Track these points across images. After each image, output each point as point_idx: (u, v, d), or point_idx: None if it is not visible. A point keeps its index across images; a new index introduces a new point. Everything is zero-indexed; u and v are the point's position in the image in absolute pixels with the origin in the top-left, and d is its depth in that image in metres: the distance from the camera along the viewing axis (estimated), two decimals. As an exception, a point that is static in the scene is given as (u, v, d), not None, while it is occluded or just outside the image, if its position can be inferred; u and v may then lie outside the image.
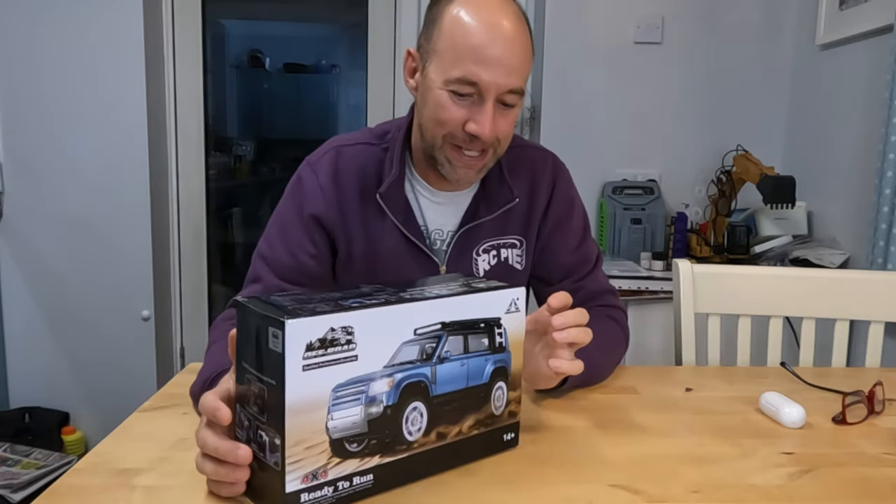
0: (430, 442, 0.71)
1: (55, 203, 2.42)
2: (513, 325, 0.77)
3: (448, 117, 0.96)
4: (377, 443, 0.67)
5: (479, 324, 0.73)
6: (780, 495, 0.72)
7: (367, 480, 0.67)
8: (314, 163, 1.08)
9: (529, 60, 0.98)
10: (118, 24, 2.36)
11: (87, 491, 0.69)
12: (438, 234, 1.09)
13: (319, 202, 1.05)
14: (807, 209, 2.37)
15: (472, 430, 0.75)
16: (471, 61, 0.93)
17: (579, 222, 1.17)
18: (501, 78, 0.93)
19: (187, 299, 2.74)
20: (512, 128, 1.01)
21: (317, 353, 0.61)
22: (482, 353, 0.74)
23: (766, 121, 2.58)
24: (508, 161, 1.10)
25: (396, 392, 0.67)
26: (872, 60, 2.07)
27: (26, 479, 2.10)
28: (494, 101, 0.95)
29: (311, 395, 0.62)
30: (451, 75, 0.94)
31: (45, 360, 2.50)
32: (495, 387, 0.76)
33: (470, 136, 0.96)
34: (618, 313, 1.15)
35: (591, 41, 2.52)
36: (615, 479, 0.74)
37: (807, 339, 1.28)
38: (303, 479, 0.63)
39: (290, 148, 3.37)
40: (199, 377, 0.88)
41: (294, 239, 1.05)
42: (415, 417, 0.69)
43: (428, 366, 0.70)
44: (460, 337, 0.72)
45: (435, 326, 0.70)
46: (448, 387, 0.72)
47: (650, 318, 2.08)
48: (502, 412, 0.77)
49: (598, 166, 2.54)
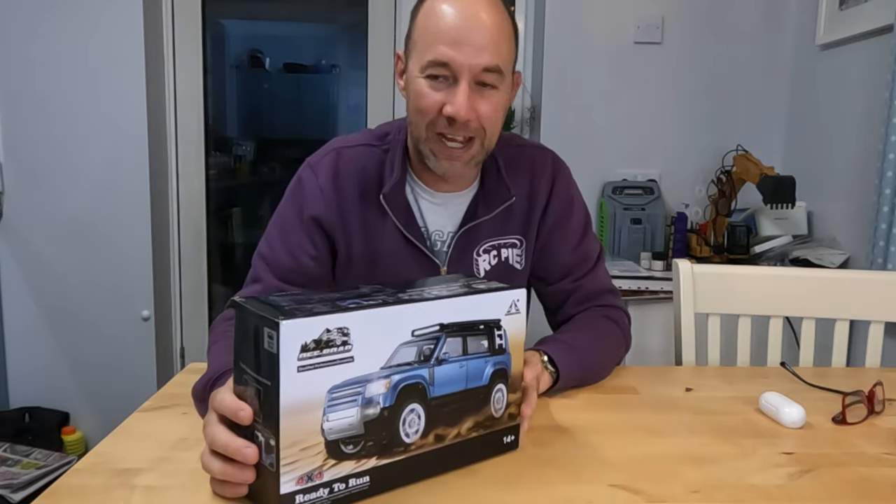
0: (427, 444, 0.71)
1: (55, 203, 2.42)
2: (513, 326, 0.76)
3: (426, 103, 0.96)
4: (374, 444, 0.67)
5: (479, 325, 0.73)
6: (780, 495, 0.72)
7: (363, 482, 0.67)
8: (314, 164, 1.08)
9: (506, 40, 0.97)
10: (118, 24, 2.36)
11: (87, 491, 0.69)
12: (439, 236, 1.09)
13: (319, 204, 1.05)
14: (807, 209, 2.37)
15: (471, 432, 0.74)
16: (441, 43, 0.93)
17: (579, 221, 1.16)
18: (472, 57, 0.93)
19: (187, 299, 2.74)
20: (497, 112, 0.99)
21: (312, 354, 0.61)
22: (482, 355, 0.74)
23: (766, 121, 2.58)
24: (507, 160, 1.10)
25: (393, 394, 0.67)
26: (872, 60, 2.07)
27: (26, 479, 2.10)
28: (471, 82, 0.94)
29: (307, 397, 0.61)
30: (424, 61, 0.95)
31: (45, 360, 2.50)
32: (495, 389, 0.75)
33: (449, 119, 0.95)
34: (617, 313, 1.14)
35: (591, 41, 2.52)
36: (615, 479, 0.74)
37: (807, 339, 1.28)
38: (298, 481, 0.62)
39: (290, 148, 3.37)
40: (202, 377, 0.88)
41: (294, 240, 1.06)
42: (412, 419, 0.69)
43: (426, 367, 0.69)
44: (459, 338, 0.71)
45: (433, 328, 0.69)
46: (446, 389, 0.71)
47: (650, 318, 2.08)
48: (502, 414, 0.77)
49: (598, 166, 2.54)
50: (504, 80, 0.98)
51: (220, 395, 0.68)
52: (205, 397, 0.85)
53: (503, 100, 1.00)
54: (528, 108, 2.65)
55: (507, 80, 0.99)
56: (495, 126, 1.00)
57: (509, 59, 0.99)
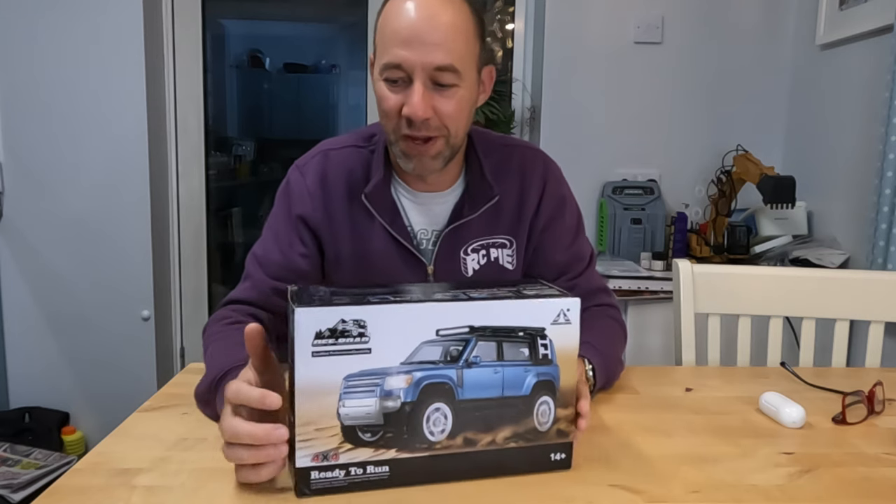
0: (455, 446, 0.71)
1: (55, 203, 2.42)
2: (562, 337, 0.72)
3: (387, 106, 0.96)
4: (393, 437, 0.68)
5: (518, 332, 0.71)
6: (780, 495, 0.72)
7: (382, 471, 0.69)
8: (302, 166, 1.10)
9: (462, 38, 0.95)
10: (118, 24, 2.36)
11: (87, 491, 0.69)
12: (424, 234, 1.10)
13: (307, 204, 1.07)
14: (807, 209, 2.37)
15: (509, 442, 0.73)
16: (394, 44, 0.93)
17: (572, 220, 1.16)
18: (424, 55, 0.92)
19: (187, 299, 2.74)
20: (459, 110, 0.98)
21: (326, 342, 0.65)
22: (521, 363, 0.72)
23: (766, 121, 2.58)
24: (494, 161, 1.10)
25: (416, 390, 0.68)
26: (872, 60, 2.07)
27: (26, 479, 2.10)
28: (426, 82, 0.94)
29: (321, 381, 0.65)
30: (381, 63, 0.95)
31: (45, 360, 2.50)
32: (539, 401, 0.73)
33: (408, 120, 0.95)
34: (615, 312, 1.15)
35: (591, 41, 2.52)
36: (615, 479, 0.74)
37: (807, 339, 1.28)
38: (313, 458, 0.67)
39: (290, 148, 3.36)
40: (203, 379, 0.88)
41: (284, 239, 1.07)
42: (437, 418, 0.69)
43: (453, 368, 0.69)
44: (493, 343, 0.70)
45: (462, 329, 0.69)
46: (478, 393, 0.70)
47: (650, 318, 2.08)
48: (549, 429, 0.74)
49: (598, 166, 2.54)
50: (464, 79, 0.96)
51: (234, 385, 0.69)
52: (209, 399, 0.85)
53: (467, 97, 0.98)
54: (528, 108, 2.65)
55: (470, 77, 0.98)
56: (459, 123, 0.99)
57: (468, 56, 0.97)
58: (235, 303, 1.06)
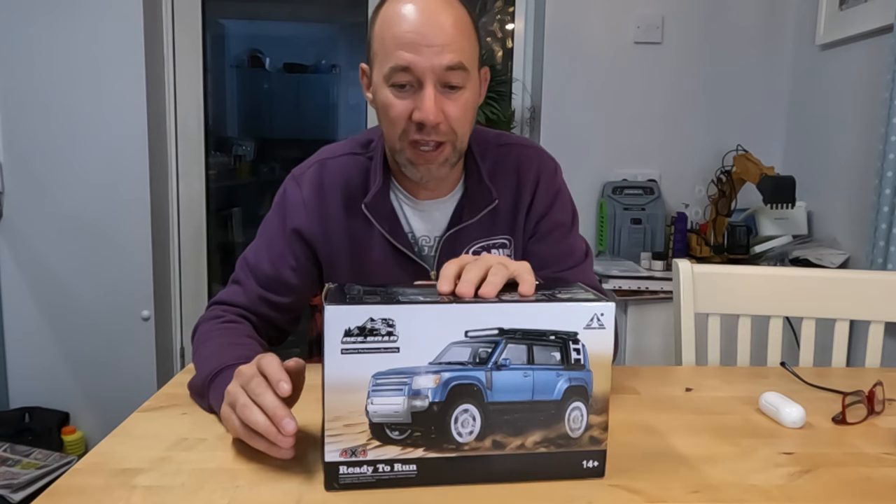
0: (483, 448, 0.70)
1: (55, 203, 2.42)
2: (596, 342, 0.71)
3: (395, 113, 0.95)
4: (421, 436, 0.69)
5: (549, 335, 0.70)
6: (780, 495, 0.72)
7: (409, 470, 0.69)
8: (298, 177, 1.09)
9: (466, 36, 0.95)
10: (118, 24, 2.36)
11: (87, 491, 0.69)
12: (426, 241, 1.09)
13: (302, 217, 1.06)
14: (807, 209, 2.37)
15: (539, 446, 0.72)
16: (399, 48, 0.92)
17: (565, 216, 1.14)
18: (433, 57, 0.91)
19: (187, 299, 2.74)
20: (466, 113, 0.98)
21: (355, 340, 0.66)
22: (552, 368, 0.71)
23: (766, 121, 2.58)
24: (491, 162, 1.09)
25: (444, 390, 0.68)
26: (872, 60, 2.07)
27: (26, 479, 2.10)
28: (436, 84, 0.93)
29: (350, 378, 0.66)
30: (386, 69, 0.94)
31: (45, 360, 2.50)
32: (570, 406, 0.72)
33: (419, 125, 0.95)
34: None
35: (590, 41, 2.52)
36: (615, 479, 0.74)
37: (807, 339, 1.28)
38: (342, 453, 0.68)
39: (290, 148, 3.37)
40: (199, 373, 0.88)
41: (276, 250, 1.07)
42: (466, 419, 0.69)
43: (482, 370, 0.69)
44: (523, 346, 0.70)
45: (491, 331, 0.69)
46: (507, 396, 0.70)
47: (650, 318, 2.08)
48: (581, 436, 0.72)
49: (598, 166, 2.54)
50: (470, 78, 0.96)
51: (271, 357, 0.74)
52: (204, 392, 0.85)
53: (471, 99, 0.98)
54: (528, 108, 2.65)
55: (474, 77, 0.98)
56: (465, 128, 0.99)
57: (472, 54, 0.97)
58: (225, 304, 1.07)
